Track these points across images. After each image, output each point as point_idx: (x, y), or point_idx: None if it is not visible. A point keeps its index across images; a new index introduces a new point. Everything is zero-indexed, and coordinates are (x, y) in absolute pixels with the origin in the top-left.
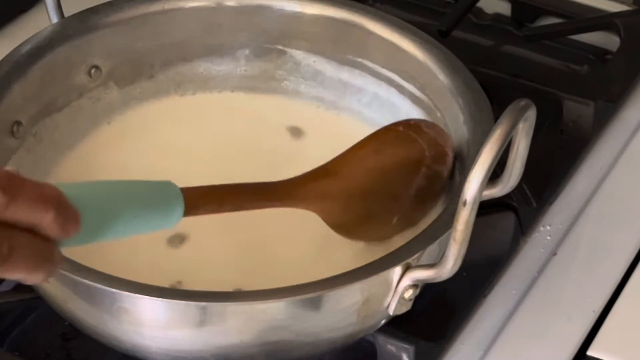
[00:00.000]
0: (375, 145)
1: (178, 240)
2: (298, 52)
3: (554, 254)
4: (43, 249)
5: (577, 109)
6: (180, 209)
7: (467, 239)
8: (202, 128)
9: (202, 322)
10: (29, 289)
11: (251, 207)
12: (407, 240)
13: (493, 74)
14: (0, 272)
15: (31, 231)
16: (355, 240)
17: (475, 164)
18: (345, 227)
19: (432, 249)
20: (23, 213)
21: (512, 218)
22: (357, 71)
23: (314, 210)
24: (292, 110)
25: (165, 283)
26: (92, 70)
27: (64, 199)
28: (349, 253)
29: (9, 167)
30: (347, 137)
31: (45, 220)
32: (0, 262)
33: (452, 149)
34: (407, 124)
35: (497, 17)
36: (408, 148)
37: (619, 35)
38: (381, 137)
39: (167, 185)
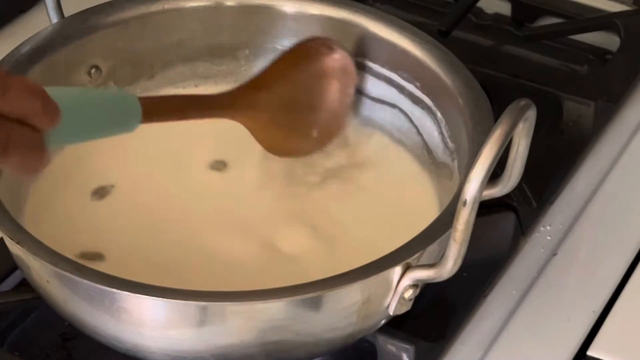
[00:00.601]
0: (292, 59)
1: None
2: None
3: (554, 254)
4: (35, 138)
5: (577, 109)
6: (138, 116)
7: (467, 239)
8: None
9: (202, 322)
10: (29, 289)
11: (196, 117)
12: None
13: (493, 74)
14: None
15: (22, 123)
16: (282, 156)
17: (475, 164)
18: (271, 141)
19: (432, 249)
20: (16, 102)
21: (512, 218)
22: (357, 71)
23: (245, 123)
24: None
25: None
26: (92, 70)
27: (45, 91)
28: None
29: None
30: (347, 136)
31: (35, 108)
32: (2, 149)
33: (354, 65)
34: (317, 40)
35: (497, 17)
36: (320, 61)
37: (619, 35)
38: (297, 51)
39: (127, 95)
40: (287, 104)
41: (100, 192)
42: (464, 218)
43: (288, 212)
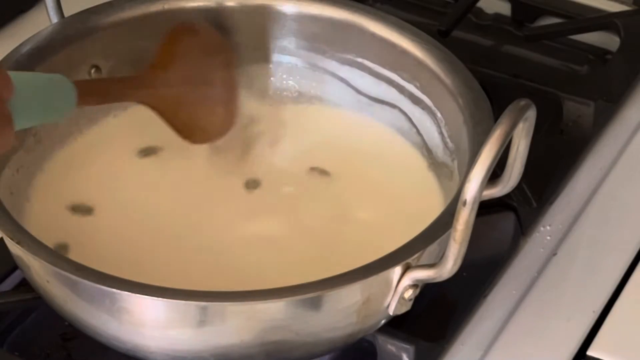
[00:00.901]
0: (174, 39)
1: None
2: (298, 52)
3: (554, 254)
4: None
5: (577, 109)
6: (74, 97)
7: (467, 239)
8: None
9: (202, 322)
10: (29, 289)
11: (116, 99)
12: None
13: (493, 74)
14: None
15: None
16: (198, 143)
17: (475, 164)
18: (183, 126)
19: (432, 249)
20: None
21: (512, 218)
22: (357, 71)
23: (155, 106)
24: (293, 110)
25: None
26: (93, 71)
27: None
28: None
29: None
30: (346, 136)
31: None
32: None
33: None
34: (185, 24)
35: (497, 17)
36: (202, 38)
37: (619, 35)
38: (175, 32)
39: (61, 76)
40: (185, 82)
41: (146, 151)
42: (464, 218)
43: (289, 213)
